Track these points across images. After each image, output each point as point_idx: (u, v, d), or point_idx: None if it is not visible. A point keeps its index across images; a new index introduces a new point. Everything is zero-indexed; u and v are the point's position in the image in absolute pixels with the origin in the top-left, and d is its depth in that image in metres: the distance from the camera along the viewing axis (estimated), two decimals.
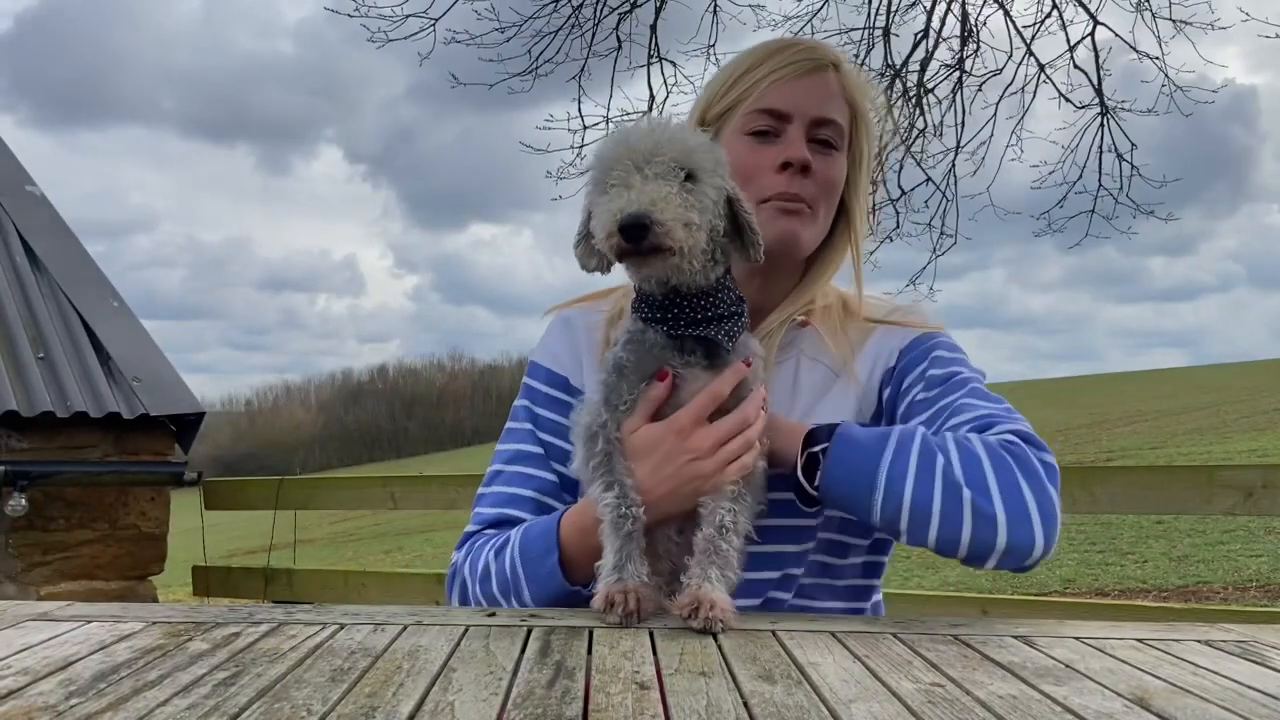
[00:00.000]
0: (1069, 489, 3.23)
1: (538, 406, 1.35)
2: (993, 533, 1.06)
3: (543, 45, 5.89)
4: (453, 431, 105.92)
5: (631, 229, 1.02)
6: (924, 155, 6.51)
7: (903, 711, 0.79)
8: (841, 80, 1.31)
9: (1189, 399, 27.87)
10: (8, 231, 5.23)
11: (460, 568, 1.28)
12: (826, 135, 1.29)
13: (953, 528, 1.07)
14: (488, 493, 1.33)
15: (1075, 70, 6.25)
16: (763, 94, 1.28)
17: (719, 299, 1.13)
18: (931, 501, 1.07)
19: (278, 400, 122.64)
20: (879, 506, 1.09)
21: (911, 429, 1.13)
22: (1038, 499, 1.08)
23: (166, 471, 4.67)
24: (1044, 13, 6.22)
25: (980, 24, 6.38)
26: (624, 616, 1.04)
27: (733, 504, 1.10)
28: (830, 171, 1.30)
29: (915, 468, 1.09)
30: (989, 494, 1.07)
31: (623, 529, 1.08)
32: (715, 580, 1.06)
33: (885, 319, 1.35)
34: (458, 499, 4.36)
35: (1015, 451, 1.11)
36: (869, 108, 1.35)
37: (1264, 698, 0.85)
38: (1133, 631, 1.09)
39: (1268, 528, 8.73)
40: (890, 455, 1.10)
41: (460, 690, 0.83)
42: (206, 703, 0.79)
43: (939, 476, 1.08)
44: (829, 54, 1.32)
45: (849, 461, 1.11)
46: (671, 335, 1.13)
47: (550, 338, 1.41)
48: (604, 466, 1.12)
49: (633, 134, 1.08)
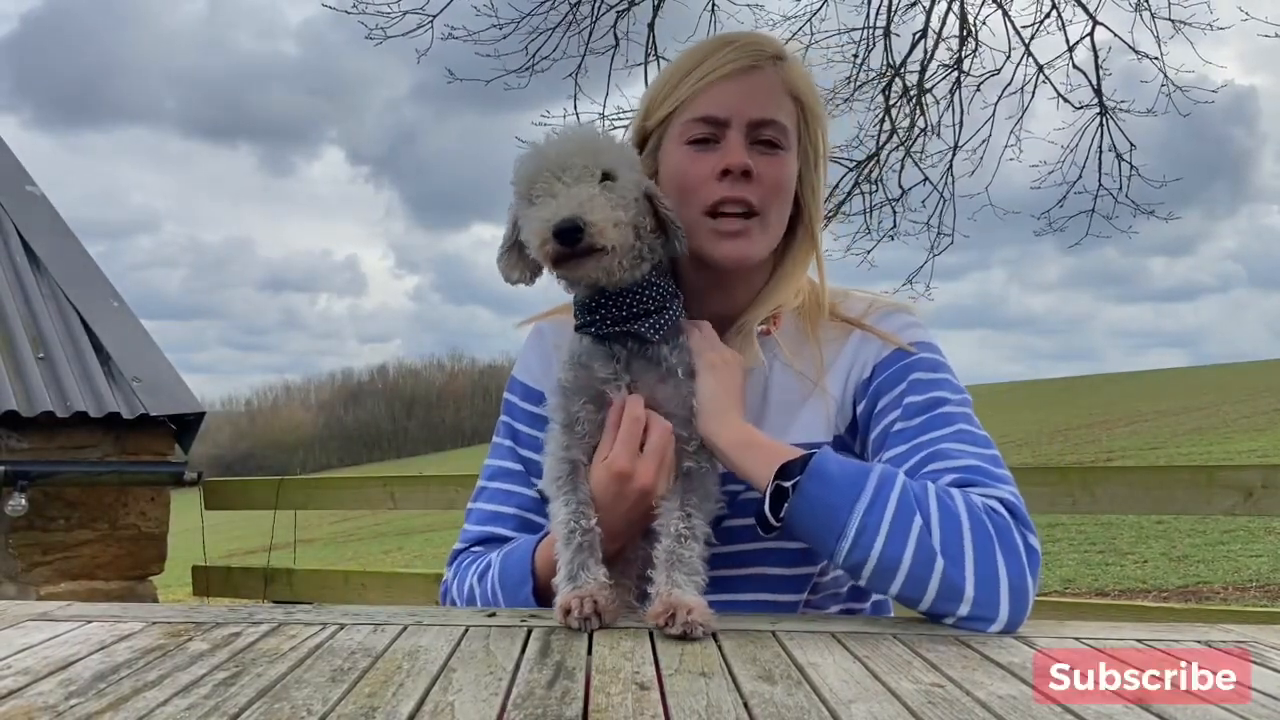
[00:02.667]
0: (1069, 489, 3.23)
1: (517, 423, 1.36)
2: (956, 603, 1.04)
3: (540, 42, 5.90)
4: (453, 431, 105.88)
5: (565, 233, 1.05)
6: (922, 155, 6.52)
7: (903, 712, 0.79)
8: (783, 74, 1.25)
9: (1189, 399, 27.86)
10: (8, 231, 5.23)
11: (450, 587, 1.31)
12: (769, 136, 1.23)
13: (917, 589, 1.04)
14: (474, 509, 1.35)
15: (1074, 70, 6.26)
16: (699, 99, 1.22)
17: (646, 295, 1.16)
18: (900, 561, 1.03)
19: (278, 400, 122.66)
20: (844, 552, 1.05)
21: (891, 473, 1.08)
22: (1011, 578, 1.04)
23: (166, 471, 4.67)
24: (1043, 13, 6.23)
25: (979, 24, 6.39)
26: (582, 620, 1.03)
27: (683, 510, 1.11)
28: (777, 173, 1.23)
29: (890, 522, 1.04)
30: (962, 565, 1.03)
31: (573, 543, 1.09)
32: (684, 584, 1.05)
33: (862, 321, 1.29)
34: (458, 499, 4.36)
35: (998, 523, 1.06)
36: (817, 98, 1.29)
37: (1264, 698, 0.85)
38: (1133, 632, 1.09)
39: (1268, 528, 8.73)
40: (865, 502, 1.05)
41: (460, 690, 0.83)
42: (206, 703, 0.79)
43: (913, 538, 1.03)
44: (768, 48, 1.26)
45: (820, 500, 1.06)
46: (599, 335, 1.16)
47: (527, 352, 1.41)
48: (567, 484, 1.14)
49: (547, 145, 1.12)
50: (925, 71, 6.33)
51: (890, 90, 6.34)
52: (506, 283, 1.20)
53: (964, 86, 6.37)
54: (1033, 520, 1.10)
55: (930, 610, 1.06)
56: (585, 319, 1.17)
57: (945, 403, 1.19)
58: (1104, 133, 6.31)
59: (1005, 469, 1.14)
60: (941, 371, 1.23)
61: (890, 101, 6.36)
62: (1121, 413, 26.16)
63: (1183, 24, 5.91)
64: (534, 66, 5.90)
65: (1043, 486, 3.26)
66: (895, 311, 1.31)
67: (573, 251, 1.07)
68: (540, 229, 1.07)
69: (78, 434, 4.53)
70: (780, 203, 1.25)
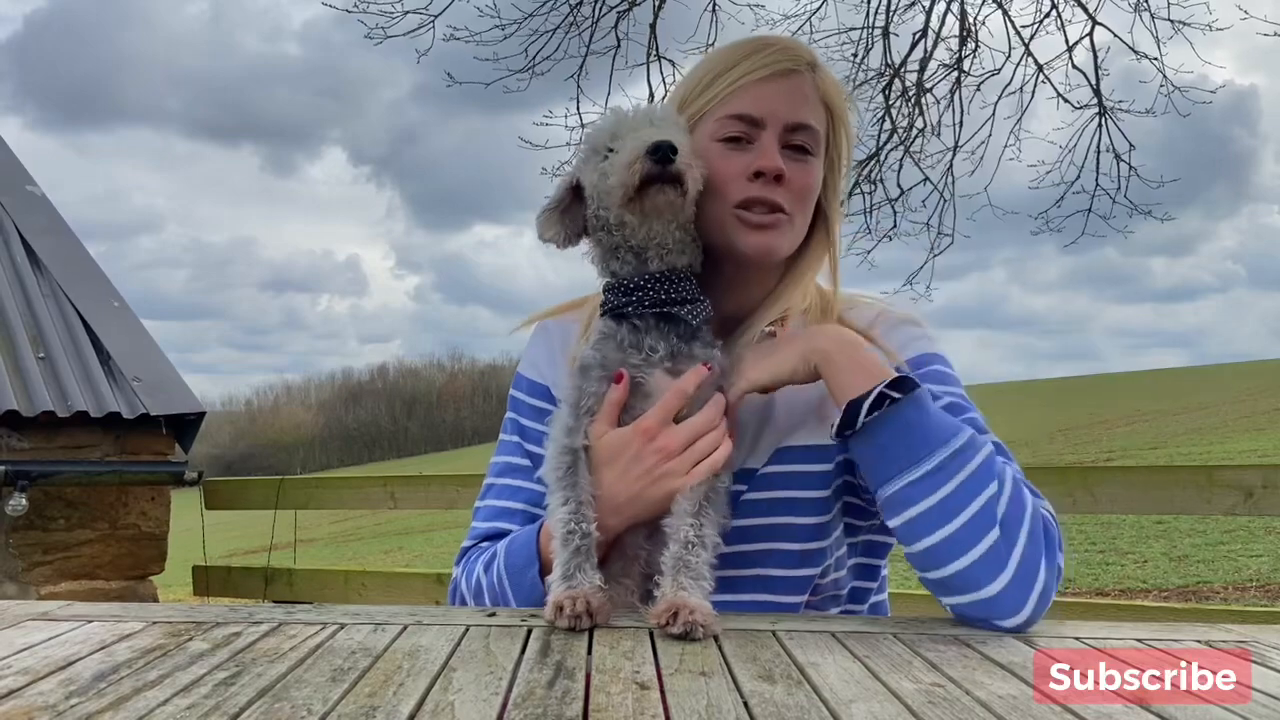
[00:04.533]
0: (1069, 489, 3.23)
1: (523, 418, 1.36)
2: (990, 580, 1.04)
3: (541, 43, 5.90)
4: (453, 431, 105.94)
5: (661, 149, 1.09)
6: (922, 155, 6.51)
7: (903, 711, 0.79)
8: (817, 82, 1.26)
9: (1189, 399, 27.87)
10: (8, 231, 5.24)
11: (458, 582, 1.31)
12: (801, 141, 1.24)
13: (961, 548, 1.05)
14: (482, 506, 1.35)
15: (1074, 70, 6.25)
16: (735, 98, 1.23)
17: (681, 285, 1.17)
18: (960, 513, 1.05)
19: (278, 400, 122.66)
20: (907, 481, 1.07)
21: (984, 440, 1.11)
22: (1045, 582, 1.06)
23: (166, 471, 4.67)
24: (1042, 13, 6.22)
25: (979, 24, 6.38)
26: (572, 620, 1.03)
27: (695, 519, 1.10)
28: (806, 179, 1.24)
29: (967, 475, 1.06)
30: (1013, 546, 1.04)
31: (571, 544, 1.08)
32: (689, 587, 1.05)
33: (870, 333, 1.28)
34: (458, 499, 4.37)
35: (1050, 532, 1.09)
36: (846, 109, 1.30)
37: (1264, 698, 0.85)
38: (1132, 631, 1.09)
39: (1268, 528, 8.73)
40: (954, 448, 1.07)
41: (460, 690, 0.83)
42: (206, 703, 0.79)
43: (982, 500, 1.05)
44: (804, 55, 1.27)
45: (915, 424, 1.08)
46: (637, 317, 1.16)
47: (532, 348, 1.41)
48: (566, 479, 1.13)
49: (628, 111, 1.18)
50: (925, 71, 6.33)
51: (890, 90, 6.34)
52: (540, 239, 1.21)
53: (964, 86, 6.38)
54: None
55: (957, 578, 1.05)
56: (621, 300, 1.17)
57: (956, 408, 1.19)
58: (1103, 133, 6.31)
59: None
60: (949, 384, 1.24)
61: (890, 101, 6.36)
62: (1121, 413, 26.17)
63: (1182, 24, 5.91)
64: (534, 68, 5.90)
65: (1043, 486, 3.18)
66: (903, 323, 1.31)
67: (661, 173, 1.10)
68: (635, 148, 1.10)
69: (78, 434, 4.53)
70: (806, 208, 1.27)
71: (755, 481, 1.24)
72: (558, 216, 1.20)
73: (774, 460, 1.24)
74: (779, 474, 1.23)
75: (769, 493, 1.23)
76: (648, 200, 1.12)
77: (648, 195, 1.12)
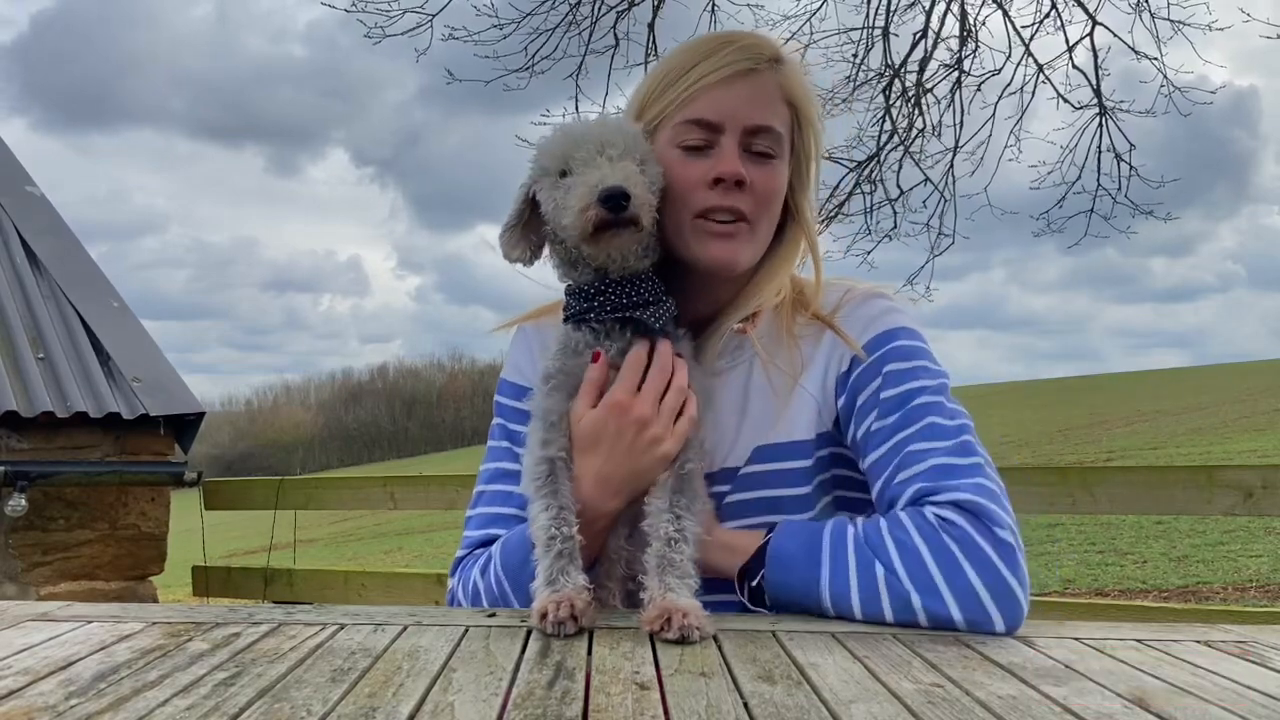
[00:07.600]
0: (1069, 489, 3.23)
1: (510, 423, 1.35)
2: (951, 627, 1.05)
3: (540, 42, 5.90)
4: (453, 431, 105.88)
5: (613, 198, 1.07)
6: (922, 155, 6.52)
7: (903, 712, 0.79)
8: (780, 78, 1.23)
9: (1189, 399, 27.88)
10: (8, 231, 5.23)
11: (455, 592, 1.30)
12: (763, 146, 1.21)
13: (910, 622, 1.07)
14: (474, 514, 1.34)
15: (1074, 70, 6.26)
16: (693, 102, 1.20)
17: (644, 287, 1.17)
18: (882, 612, 1.07)
19: (278, 400, 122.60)
20: (834, 616, 1.10)
21: (842, 529, 1.12)
22: (988, 585, 1.04)
23: (166, 471, 4.67)
24: (1042, 13, 6.23)
25: (979, 24, 6.39)
26: (557, 625, 1.02)
27: (672, 512, 1.10)
28: (769, 182, 1.22)
29: (857, 584, 1.08)
30: (938, 593, 1.05)
31: (553, 549, 1.08)
32: (677, 588, 1.05)
33: (832, 320, 1.27)
34: (458, 499, 4.36)
35: (955, 534, 1.06)
36: (811, 103, 1.27)
37: (1264, 698, 0.85)
38: (1132, 632, 1.09)
39: (1268, 528, 8.73)
40: (827, 573, 1.09)
41: (460, 690, 0.83)
42: (206, 703, 0.79)
43: (883, 589, 1.07)
44: (766, 50, 1.23)
45: (785, 586, 1.11)
46: (598, 323, 1.16)
47: (514, 352, 1.41)
48: (546, 486, 1.13)
49: (577, 125, 1.17)
50: (925, 72, 6.33)
51: (890, 90, 6.34)
52: (506, 260, 1.21)
53: (964, 87, 6.38)
54: (1008, 506, 1.09)
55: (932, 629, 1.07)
56: (582, 306, 1.17)
57: (919, 394, 1.18)
58: (1103, 133, 6.32)
59: (975, 453, 1.14)
60: (917, 358, 1.22)
61: (890, 102, 6.36)
62: (1121, 413, 26.17)
63: (1182, 24, 5.92)
64: (534, 67, 5.91)
65: (1043, 486, 3.26)
66: (869, 298, 1.29)
67: (615, 220, 1.09)
68: (586, 193, 1.08)
69: (78, 434, 4.53)
70: (770, 213, 1.25)
71: (738, 482, 1.24)
72: (520, 233, 1.21)
73: (754, 459, 1.24)
74: (759, 473, 1.23)
75: (752, 493, 1.23)
76: (603, 241, 1.12)
77: (603, 238, 1.12)
